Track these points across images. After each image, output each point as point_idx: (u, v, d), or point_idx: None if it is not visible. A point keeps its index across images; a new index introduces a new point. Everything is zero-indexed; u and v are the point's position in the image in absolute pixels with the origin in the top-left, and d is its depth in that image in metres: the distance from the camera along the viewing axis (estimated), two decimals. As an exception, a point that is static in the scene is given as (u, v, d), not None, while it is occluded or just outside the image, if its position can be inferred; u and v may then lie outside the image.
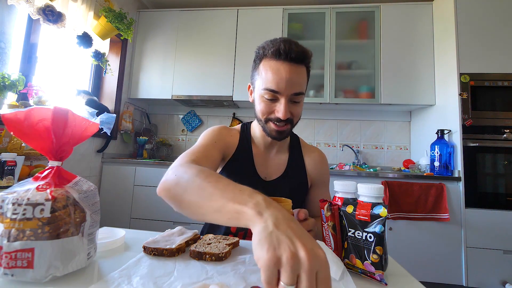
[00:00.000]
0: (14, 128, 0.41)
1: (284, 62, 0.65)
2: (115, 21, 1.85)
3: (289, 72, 0.65)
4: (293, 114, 0.71)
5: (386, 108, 2.34)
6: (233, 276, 0.42)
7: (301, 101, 0.72)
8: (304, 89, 0.71)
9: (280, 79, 0.65)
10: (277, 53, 0.65)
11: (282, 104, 0.67)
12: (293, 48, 0.64)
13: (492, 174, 1.72)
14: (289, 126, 0.72)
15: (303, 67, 0.68)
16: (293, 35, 2.32)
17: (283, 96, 0.67)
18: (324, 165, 0.86)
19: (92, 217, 0.43)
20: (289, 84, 0.65)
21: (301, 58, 0.66)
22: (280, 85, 0.66)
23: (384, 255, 0.43)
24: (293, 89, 0.66)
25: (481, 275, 1.63)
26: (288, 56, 0.64)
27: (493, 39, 1.82)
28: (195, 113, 2.69)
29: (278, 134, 0.72)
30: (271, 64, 0.66)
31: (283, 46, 0.64)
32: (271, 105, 0.69)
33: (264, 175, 0.80)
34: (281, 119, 0.68)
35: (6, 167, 1.06)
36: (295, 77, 0.66)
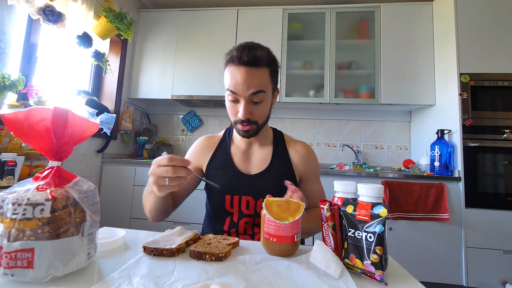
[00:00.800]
0: (14, 128, 0.41)
1: (239, 66, 0.70)
2: (115, 21, 1.85)
3: (244, 75, 0.70)
4: (254, 114, 0.75)
5: (386, 108, 2.34)
6: (233, 276, 0.42)
7: (264, 101, 0.75)
8: (265, 88, 0.73)
9: (236, 82, 0.71)
10: (231, 59, 0.71)
11: (241, 105, 0.73)
12: (245, 53, 0.69)
13: (492, 174, 1.72)
14: (253, 126, 0.76)
15: (263, 68, 0.72)
16: (293, 35, 2.32)
17: (241, 97, 0.72)
18: (311, 157, 0.87)
19: (92, 217, 0.43)
20: (245, 86, 0.70)
21: (254, 61, 0.70)
22: (237, 87, 0.71)
23: (384, 255, 0.43)
24: (250, 90, 0.71)
25: (481, 275, 1.63)
26: (241, 61, 0.70)
27: (493, 39, 1.82)
28: (195, 113, 2.69)
29: (245, 133, 0.77)
30: (230, 69, 0.72)
31: (235, 52, 0.70)
32: (235, 106, 0.75)
33: (247, 170, 0.84)
34: (241, 118, 0.73)
35: (6, 167, 1.06)
36: (251, 79, 0.70)
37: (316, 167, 0.88)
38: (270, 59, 0.74)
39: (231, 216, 0.80)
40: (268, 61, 0.73)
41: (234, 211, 0.79)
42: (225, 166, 0.84)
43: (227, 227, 0.79)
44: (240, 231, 0.79)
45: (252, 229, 0.79)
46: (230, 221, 0.79)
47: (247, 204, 0.79)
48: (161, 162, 0.55)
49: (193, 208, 1.88)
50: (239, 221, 0.78)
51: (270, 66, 0.74)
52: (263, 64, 0.72)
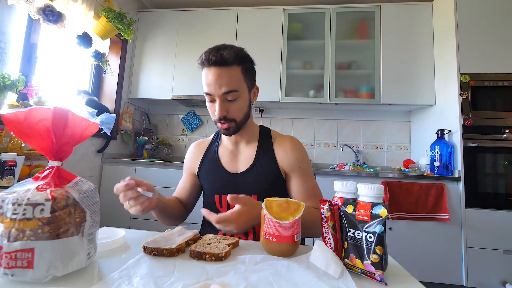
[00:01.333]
0: (14, 128, 0.41)
1: (210, 67, 0.74)
2: (115, 21, 1.85)
3: (214, 75, 0.73)
4: (231, 112, 0.77)
5: (386, 108, 2.34)
6: (233, 276, 0.42)
7: (238, 99, 0.77)
8: (237, 86, 0.75)
9: (209, 83, 0.74)
10: (202, 62, 0.75)
11: (217, 104, 0.75)
12: (212, 54, 0.72)
13: (492, 174, 1.72)
14: (232, 123, 0.78)
15: (234, 67, 0.74)
16: (293, 35, 2.32)
17: (215, 96, 0.75)
18: (297, 150, 0.84)
19: (92, 217, 0.43)
20: (217, 86, 0.73)
21: (221, 61, 0.72)
22: (210, 88, 0.74)
23: (384, 255, 0.43)
24: (222, 89, 0.73)
25: (481, 275, 1.63)
26: (210, 62, 0.73)
27: (493, 39, 1.82)
28: (195, 113, 2.69)
29: (225, 131, 0.80)
30: (204, 71, 0.76)
31: (204, 55, 0.74)
32: (213, 106, 0.78)
33: (234, 169, 0.85)
34: (218, 116, 0.76)
35: (6, 167, 1.06)
36: (221, 79, 0.73)
37: (302, 161, 0.84)
38: (240, 57, 0.75)
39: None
40: (238, 59, 0.74)
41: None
42: (213, 168, 0.86)
43: None
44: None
45: None
46: None
47: None
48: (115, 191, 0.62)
49: (193, 208, 1.88)
50: None
51: (241, 64, 0.75)
52: (232, 63, 0.73)
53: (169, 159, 2.56)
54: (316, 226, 0.75)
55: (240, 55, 0.75)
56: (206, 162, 0.89)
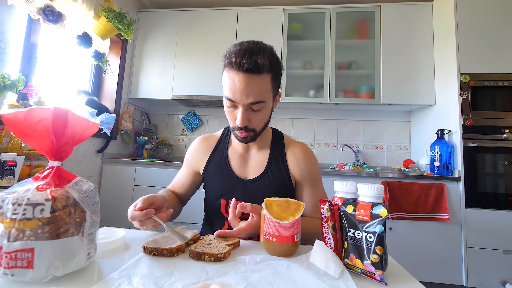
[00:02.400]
0: (14, 128, 0.41)
1: (239, 72, 0.65)
2: (115, 21, 1.85)
3: (243, 83, 0.65)
4: (253, 122, 0.71)
5: (386, 108, 2.34)
6: (233, 276, 0.42)
7: (263, 109, 0.71)
8: (265, 97, 0.69)
9: (235, 90, 0.66)
10: (231, 64, 0.66)
11: (239, 112, 0.68)
12: (245, 60, 0.64)
13: (492, 174, 1.72)
14: (251, 133, 0.73)
15: (264, 75, 0.67)
16: (293, 35, 2.32)
17: (239, 105, 0.68)
18: (309, 161, 0.81)
19: (92, 217, 0.43)
20: (244, 95, 0.66)
21: (255, 69, 0.64)
22: (236, 96, 0.67)
23: (384, 255, 0.43)
24: (249, 99, 0.66)
25: (481, 275, 1.63)
26: (241, 68, 0.64)
27: (493, 39, 1.82)
28: (195, 113, 2.69)
29: (242, 139, 0.75)
30: (229, 74, 0.67)
31: (235, 58, 0.65)
32: (233, 112, 0.71)
33: (244, 174, 0.81)
34: (239, 126, 0.70)
35: (6, 167, 1.06)
36: (250, 88, 0.65)
37: (313, 171, 0.81)
38: (273, 65, 0.68)
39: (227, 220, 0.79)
40: (271, 67, 0.67)
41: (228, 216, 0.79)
42: (222, 170, 0.82)
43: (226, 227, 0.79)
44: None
45: None
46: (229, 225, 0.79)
47: None
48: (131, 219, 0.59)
49: (193, 208, 1.87)
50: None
51: (272, 71, 0.68)
52: (265, 71, 0.66)
53: (169, 159, 2.56)
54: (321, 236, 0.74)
55: (273, 62, 0.68)
56: (214, 163, 0.84)
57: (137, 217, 0.57)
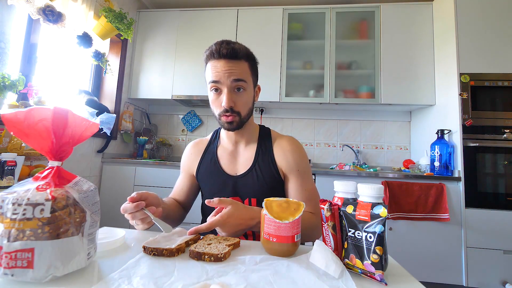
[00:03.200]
0: (14, 128, 0.41)
1: (219, 60, 0.73)
2: (115, 21, 1.85)
3: (224, 66, 0.73)
4: (237, 104, 0.76)
5: (386, 108, 2.34)
6: (233, 276, 0.42)
7: (245, 91, 0.77)
8: (246, 77, 0.76)
9: (217, 72, 0.73)
10: (211, 54, 0.74)
11: (224, 94, 0.74)
12: (223, 47, 0.73)
13: (492, 174, 1.72)
14: (236, 117, 0.77)
15: (242, 62, 0.75)
16: (293, 35, 2.32)
17: (224, 85, 0.74)
18: (296, 152, 0.82)
19: (92, 217, 0.43)
20: (227, 74, 0.73)
21: (232, 54, 0.73)
22: (219, 76, 0.73)
23: (384, 255, 0.43)
24: (231, 77, 0.73)
25: (481, 275, 1.63)
26: (220, 54, 0.73)
27: (493, 39, 1.82)
28: (195, 113, 2.69)
29: (229, 124, 0.78)
30: (210, 64, 0.76)
31: (214, 47, 0.74)
32: (218, 98, 0.76)
33: (233, 171, 0.84)
34: (225, 107, 0.74)
35: (6, 167, 1.06)
36: (231, 69, 0.73)
37: (300, 163, 0.82)
38: (248, 54, 0.77)
39: None
40: (246, 55, 0.76)
41: None
42: (212, 169, 0.85)
43: None
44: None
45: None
46: None
47: None
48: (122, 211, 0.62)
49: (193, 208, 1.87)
50: None
51: (248, 60, 0.77)
52: (241, 57, 0.75)
53: (169, 159, 2.56)
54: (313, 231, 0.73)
55: (248, 52, 0.77)
56: (205, 164, 0.87)
57: (128, 209, 0.60)
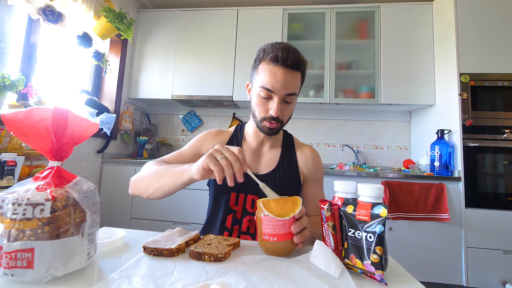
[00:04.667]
0: (14, 128, 0.41)
1: (281, 67, 0.72)
2: (115, 21, 1.85)
3: (283, 76, 0.72)
4: (283, 114, 0.78)
5: (386, 108, 2.34)
6: (233, 276, 0.42)
7: (293, 102, 0.79)
8: (297, 91, 0.78)
9: (276, 81, 0.72)
10: (275, 59, 0.72)
11: (275, 102, 0.74)
12: (290, 56, 0.72)
13: (492, 174, 1.72)
14: (279, 124, 0.79)
15: (298, 73, 0.76)
16: (293, 35, 2.32)
17: (276, 95, 0.74)
18: (317, 161, 0.89)
19: (92, 217, 0.43)
20: (283, 86, 0.73)
21: (296, 65, 0.73)
22: (275, 86, 0.73)
23: (384, 255, 0.43)
24: (286, 90, 0.74)
25: (481, 275, 1.63)
26: (285, 63, 0.72)
27: (493, 39, 1.82)
28: (195, 113, 2.69)
29: (270, 130, 0.79)
30: (269, 67, 0.74)
31: (281, 53, 0.72)
32: (266, 103, 0.76)
33: (255, 169, 0.85)
34: (273, 116, 0.75)
35: (6, 167, 1.06)
36: (289, 81, 0.73)
37: (320, 172, 0.88)
38: (305, 65, 0.77)
39: (234, 214, 0.80)
40: (304, 66, 0.77)
41: (238, 209, 0.80)
42: None
43: (230, 224, 0.80)
44: (243, 229, 0.79)
45: (255, 227, 0.79)
46: (233, 218, 0.80)
47: (252, 203, 0.80)
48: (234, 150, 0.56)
49: (193, 208, 1.88)
50: (242, 218, 0.79)
51: (302, 72, 0.78)
52: (300, 69, 0.76)
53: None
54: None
55: (305, 63, 0.78)
56: None
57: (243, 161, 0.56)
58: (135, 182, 0.74)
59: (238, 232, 0.79)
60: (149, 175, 0.71)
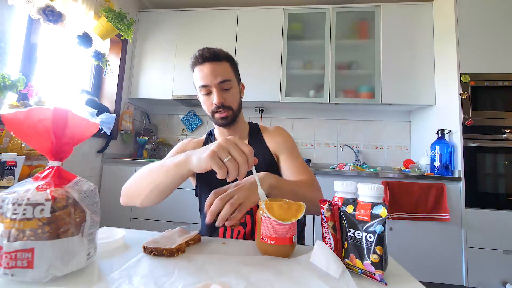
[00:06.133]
0: (14, 128, 0.41)
1: (204, 63, 0.81)
2: (115, 21, 1.85)
3: (209, 68, 0.80)
4: (227, 100, 0.83)
5: (386, 108, 2.34)
6: (233, 276, 0.42)
7: (233, 88, 0.85)
8: (231, 77, 0.84)
9: (205, 75, 0.81)
10: (196, 60, 0.82)
11: (214, 93, 0.81)
12: (205, 52, 0.81)
13: (492, 174, 1.72)
14: (229, 112, 0.84)
15: (224, 63, 0.83)
16: (293, 35, 2.32)
17: (212, 87, 0.81)
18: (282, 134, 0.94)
19: (92, 217, 0.43)
20: (213, 76, 0.80)
21: (214, 56, 0.81)
22: (206, 79, 0.81)
23: (384, 255, 0.43)
24: (217, 78, 0.80)
25: (481, 275, 1.63)
26: (204, 58, 0.80)
27: (493, 39, 1.82)
28: (195, 113, 2.69)
29: (223, 119, 0.84)
30: (197, 68, 0.83)
31: (197, 53, 0.82)
32: (209, 98, 0.83)
33: None
34: (217, 104, 0.81)
35: (6, 167, 1.06)
36: (216, 71, 0.80)
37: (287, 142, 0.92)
38: (228, 55, 0.85)
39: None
40: (226, 56, 0.84)
41: None
42: None
43: None
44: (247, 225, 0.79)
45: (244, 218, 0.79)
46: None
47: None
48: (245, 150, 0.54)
49: (193, 208, 1.88)
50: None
51: (229, 61, 0.85)
52: (222, 59, 0.83)
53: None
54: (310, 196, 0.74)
55: (228, 54, 0.86)
56: None
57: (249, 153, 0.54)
58: (126, 189, 0.71)
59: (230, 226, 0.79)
60: (140, 179, 0.68)
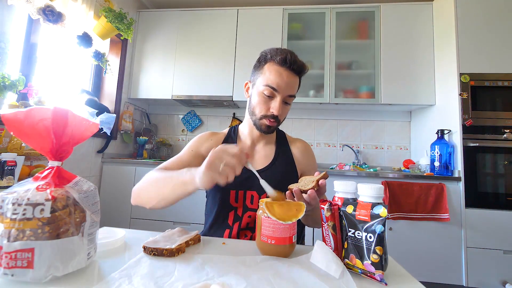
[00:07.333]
0: (14, 128, 0.41)
1: (287, 69, 0.79)
2: (115, 21, 1.85)
3: (288, 77, 0.79)
4: (282, 114, 0.83)
5: (386, 108, 2.34)
6: (233, 276, 0.42)
7: (290, 104, 0.85)
8: (295, 94, 0.84)
9: (281, 81, 0.78)
10: (283, 60, 0.78)
11: (277, 102, 0.79)
12: (296, 61, 0.79)
13: (492, 174, 1.72)
14: (276, 123, 0.83)
15: (298, 78, 0.83)
16: (293, 35, 2.32)
17: (279, 95, 0.79)
18: (310, 152, 0.95)
19: (92, 217, 0.43)
20: (287, 88, 0.79)
21: (300, 70, 0.81)
22: (280, 85, 0.78)
23: (384, 255, 0.43)
24: (289, 91, 0.80)
25: (481, 275, 1.63)
26: (291, 66, 0.78)
27: (493, 39, 1.82)
28: (195, 113, 2.69)
29: (267, 128, 0.83)
30: (276, 67, 0.79)
31: (289, 56, 0.78)
32: (268, 102, 0.81)
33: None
34: (275, 114, 0.79)
35: (6, 167, 1.06)
36: (292, 83, 0.80)
37: (314, 162, 0.95)
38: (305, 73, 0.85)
39: (235, 210, 0.82)
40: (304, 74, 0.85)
41: (238, 206, 0.81)
42: None
43: (231, 221, 0.81)
44: (243, 225, 0.80)
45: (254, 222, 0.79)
46: (235, 215, 0.81)
47: (251, 198, 0.81)
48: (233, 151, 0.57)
49: (193, 208, 1.88)
50: (243, 214, 0.81)
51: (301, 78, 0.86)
52: (301, 75, 0.83)
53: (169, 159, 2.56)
54: None
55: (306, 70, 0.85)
56: None
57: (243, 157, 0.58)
58: (136, 193, 0.74)
59: (238, 228, 0.79)
60: (149, 187, 0.72)
